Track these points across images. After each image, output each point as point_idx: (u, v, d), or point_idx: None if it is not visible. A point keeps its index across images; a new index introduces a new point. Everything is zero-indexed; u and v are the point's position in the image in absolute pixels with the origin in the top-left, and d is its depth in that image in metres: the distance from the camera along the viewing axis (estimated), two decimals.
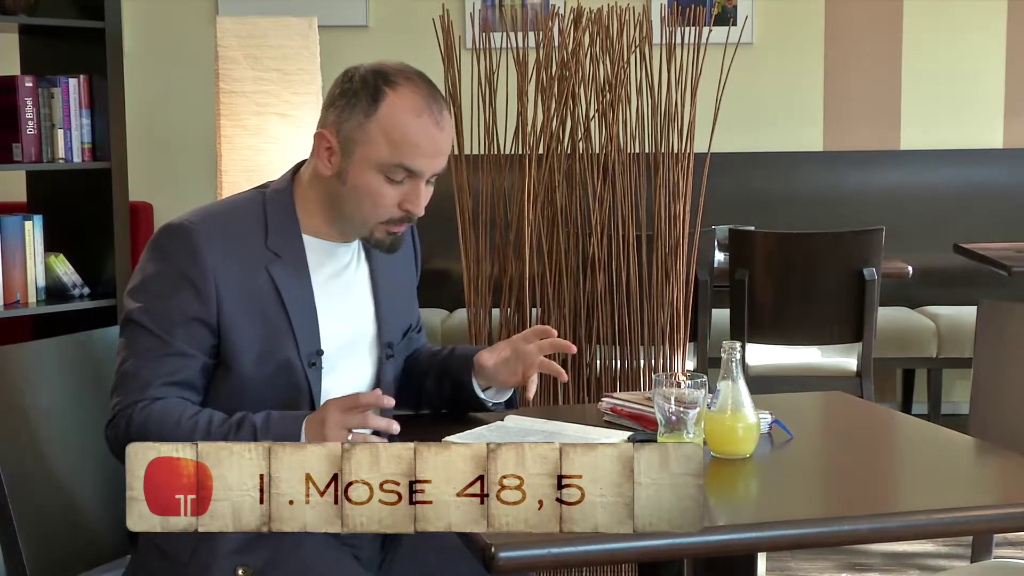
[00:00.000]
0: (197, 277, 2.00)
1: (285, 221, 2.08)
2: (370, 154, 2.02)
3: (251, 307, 2.03)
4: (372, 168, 2.02)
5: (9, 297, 4.08)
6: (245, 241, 2.05)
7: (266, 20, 3.83)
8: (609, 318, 3.50)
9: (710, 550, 1.84)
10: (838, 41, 5.79)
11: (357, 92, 2.03)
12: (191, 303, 2.00)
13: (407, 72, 2.05)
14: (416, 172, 2.03)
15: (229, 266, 2.02)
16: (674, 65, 3.46)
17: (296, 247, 2.08)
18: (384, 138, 2.01)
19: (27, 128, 4.10)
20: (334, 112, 2.06)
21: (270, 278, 2.04)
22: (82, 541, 2.19)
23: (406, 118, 2.01)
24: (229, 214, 2.10)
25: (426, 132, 2.02)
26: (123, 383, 2.01)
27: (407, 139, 2.01)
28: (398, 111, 2.01)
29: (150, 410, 1.98)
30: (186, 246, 2.02)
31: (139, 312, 2.02)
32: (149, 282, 2.03)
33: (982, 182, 5.72)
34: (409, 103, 2.01)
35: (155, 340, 2.00)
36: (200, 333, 2.01)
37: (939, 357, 5.13)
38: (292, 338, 2.04)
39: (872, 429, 2.38)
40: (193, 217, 2.08)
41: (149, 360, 2.00)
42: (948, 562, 3.89)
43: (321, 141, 2.07)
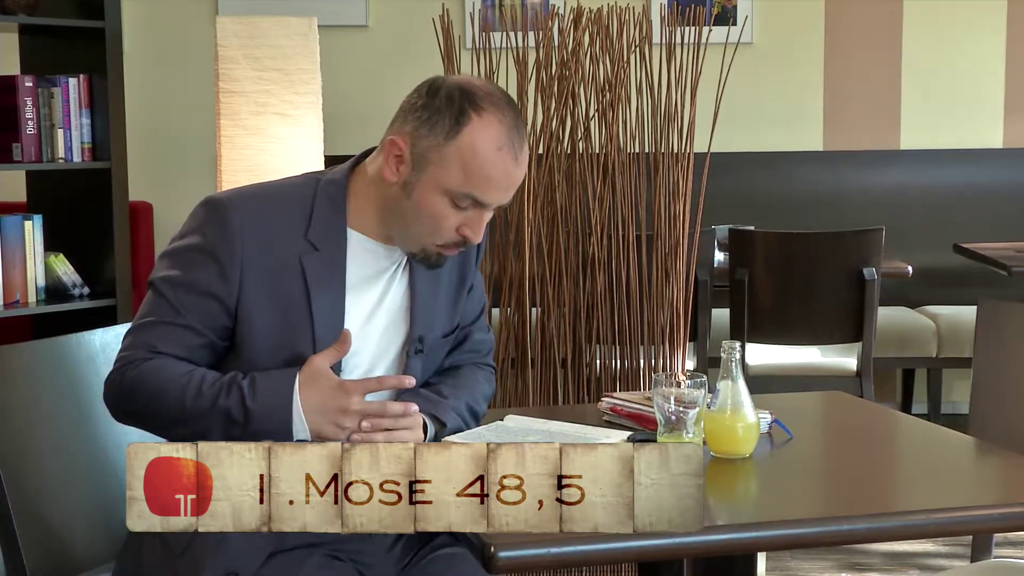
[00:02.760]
0: (224, 256, 1.98)
1: (331, 214, 2.04)
2: (442, 177, 1.96)
3: (275, 296, 2.00)
4: (440, 191, 1.97)
5: (9, 297, 4.08)
6: (283, 227, 2.02)
7: (266, 20, 3.83)
8: (609, 318, 3.50)
9: (710, 550, 1.84)
10: (838, 41, 5.79)
11: (441, 109, 1.96)
12: (213, 280, 1.99)
13: (494, 97, 1.98)
14: (484, 204, 1.99)
15: (260, 250, 1.99)
16: (674, 65, 3.46)
17: (337, 243, 2.03)
18: (460, 165, 1.95)
19: (27, 128, 4.10)
20: (412, 123, 1.98)
21: (302, 270, 2.00)
22: (82, 541, 2.19)
23: (486, 149, 1.95)
24: (274, 197, 2.05)
25: (504, 167, 1.96)
26: (130, 338, 2.02)
27: (483, 172, 1.95)
28: (480, 141, 1.95)
29: (145, 366, 1.98)
30: (220, 222, 1.99)
31: (162, 280, 2.01)
32: (179, 251, 2.02)
33: (982, 182, 5.72)
34: (492, 134, 1.95)
35: (170, 310, 1.99)
36: (215, 312, 1.99)
37: (939, 357, 5.13)
38: (311, 335, 2.00)
39: (872, 429, 2.38)
40: (235, 194, 2.05)
41: (160, 325, 2.00)
42: (948, 562, 3.89)
43: (392, 148, 1.99)
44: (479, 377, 2.22)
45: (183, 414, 1.96)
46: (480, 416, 2.19)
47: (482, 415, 2.20)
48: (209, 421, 1.96)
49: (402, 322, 2.11)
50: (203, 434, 1.95)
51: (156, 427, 2.02)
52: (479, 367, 2.25)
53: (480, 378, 2.22)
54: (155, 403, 1.98)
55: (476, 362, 2.25)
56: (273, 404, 1.95)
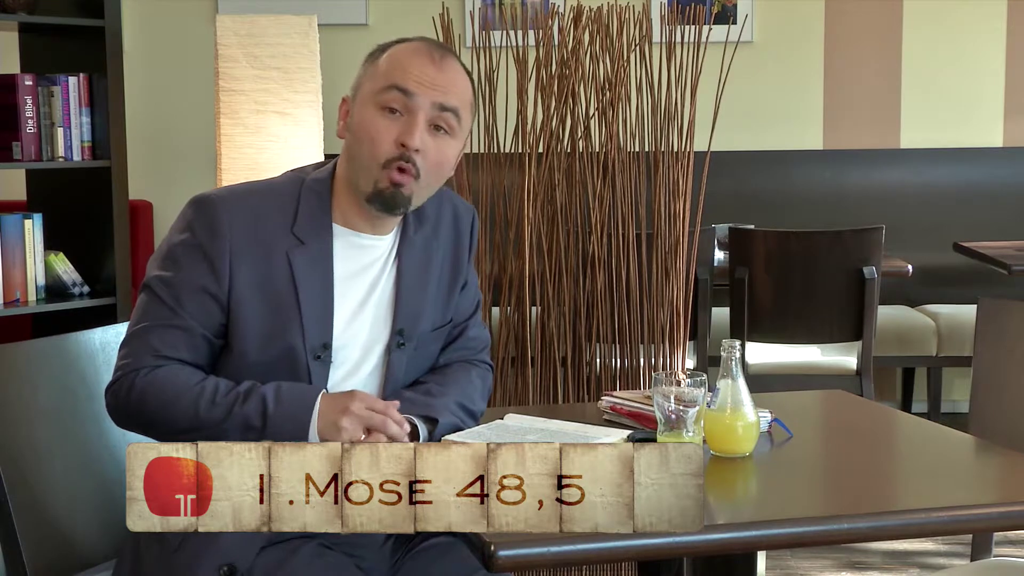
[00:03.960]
0: (214, 252, 2.01)
1: (317, 210, 2.07)
2: (367, 88, 2.06)
3: (264, 289, 2.02)
4: (370, 103, 2.05)
5: (9, 296, 4.08)
6: (270, 223, 2.05)
7: (266, 18, 3.82)
8: (609, 316, 3.50)
9: (710, 549, 1.84)
10: (838, 40, 5.79)
11: (372, 53, 2.11)
12: (205, 277, 2.01)
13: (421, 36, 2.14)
14: (407, 92, 2.03)
15: (249, 245, 2.02)
16: (674, 64, 3.46)
17: (323, 237, 2.07)
18: (383, 71, 2.06)
19: (27, 127, 4.10)
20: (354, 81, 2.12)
21: (289, 264, 2.03)
22: (82, 540, 2.19)
23: (402, 52, 2.07)
24: (261, 194, 2.09)
25: (420, 63, 2.05)
26: (129, 345, 2.03)
27: (400, 63, 2.05)
28: (399, 50, 2.08)
29: (153, 376, 1.99)
30: (208, 219, 2.02)
31: (156, 279, 2.03)
32: (170, 251, 2.04)
33: (982, 181, 5.72)
34: (411, 46, 2.08)
35: (166, 310, 2.01)
36: (210, 308, 2.01)
37: (939, 356, 5.13)
38: (299, 327, 2.02)
39: (872, 428, 2.38)
40: (223, 191, 2.09)
41: (158, 328, 2.01)
42: (948, 560, 3.89)
43: (342, 107, 2.12)
44: (472, 375, 2.22)
45: (196, 423, 1.97)
46: (477, 414, 2.18)
47: (479, 413, 2.20)
48: (223, 428, 1.97)
49: (389, 316, 2.13)
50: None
51: (165, 436, 2.02)
52: (472, 364, 2.25)
53: (473, 375, 2.22)
54: (166, 412, 1.98)
55: (470, 359, 2.25)
56: (291, 412, 1.97)
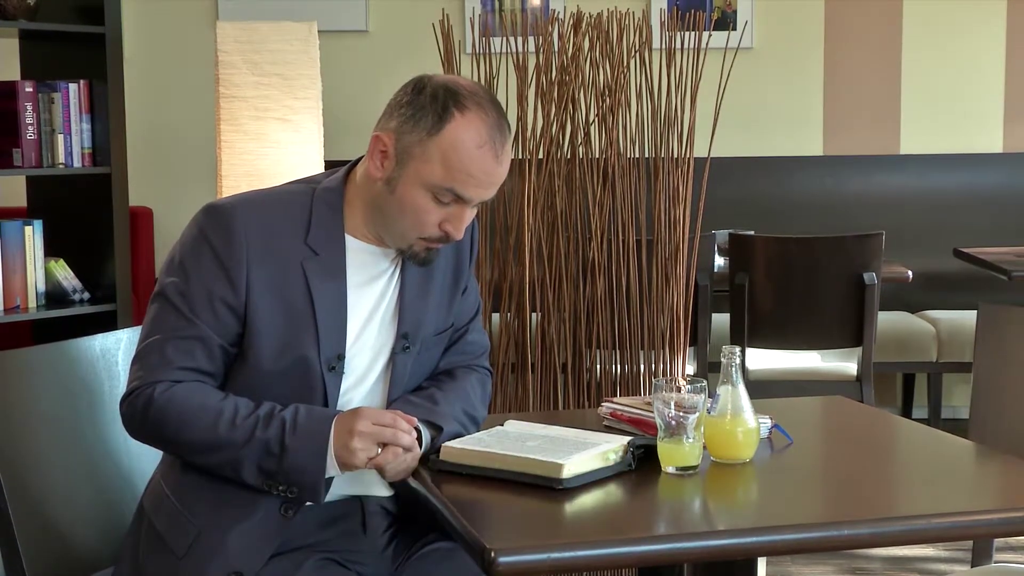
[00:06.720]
0: (230, 261, 1.99)
1: (329, 220, 2.06)
2: (423, 172, 1.99)
3: (279, 299, 2.01)
4: (422, 186, 2.00)
5: (9, 302, 4.08)
6: (284, 233, 2.03)
7: (266, 25, 3.83)
8: (609, 322, 3.50)
9: (710, 554, 1.84)
10: (838, 45, 5.80)
11: (425, 106, 1.99)
12: (221, 286, 1.99)
13: (478, 97, 2.02)
14: (465, 199, 2.01)
15: (264, 254, 2.01)
16: (674, 70, 3.46)
17: (336, 248, 2.06)
18: (441, 160, 1.98)
19: (27, 133, 4.10)
20: (397, 120, 2.02)
21: (303, 274, 2.02)
22: (81, 546, 2.19)
23: (467, 146, 1.98)
24: (274, 203, 2.07)
25: (483, 164, 1.99)
26: (145, 357, 2.00)
27: (463, 167, 1.98)
28: (461, 137, 1.98)
29: (172, 393, 1.97)
30: (223, 228, 2.00)
31: (171, 288, 2.01)
32: (183, 259, 2.02)
33: (982, 186, 5.72)
34: (474, 131, 1.98)
35: (182, 320, 1.99)
36: (226, 318, 2.00)
37: (939, 361, 5.13)
38: (315, 338, 2.02)
39: (872, 434, 2.38)
40: (237, 200, 2.06)
41: (173, 339, 1.99)
42: (949, 566, 3.89)
43: (377, 144, 2.03)
44: (472, 380, 2.22)
45: (215, 444, 1.97)
46: (479, 421, 2.19)
47: (481, 419, 2.20)
48: (243, 452, 1.96)
49: (394, 321, 2.13)
50: (235, 463, 1.97)
51: (183, 453, 2.02)
52: (472, 370, 2.25)
53: (474, 381, 2.22)
54: (184, 430, 1.97)
55: (469, 364, 2.25)
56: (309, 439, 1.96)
